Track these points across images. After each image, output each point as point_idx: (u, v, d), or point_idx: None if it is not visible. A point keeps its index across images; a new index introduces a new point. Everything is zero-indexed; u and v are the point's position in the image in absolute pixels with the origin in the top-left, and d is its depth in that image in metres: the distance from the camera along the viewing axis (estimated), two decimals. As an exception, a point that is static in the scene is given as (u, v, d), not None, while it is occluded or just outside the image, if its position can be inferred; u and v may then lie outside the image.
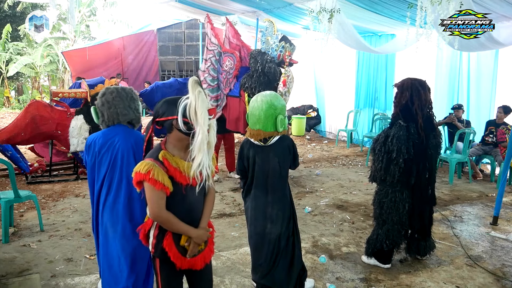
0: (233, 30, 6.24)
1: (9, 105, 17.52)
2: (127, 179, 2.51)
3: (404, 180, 3.16)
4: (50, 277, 3.09)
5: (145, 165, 1.78)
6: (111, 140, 2.52)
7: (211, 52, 6.14)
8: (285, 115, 2.66)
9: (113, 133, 2.54)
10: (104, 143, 2.51)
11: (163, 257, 1.88)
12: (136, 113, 2.62)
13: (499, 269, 3.37)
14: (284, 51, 5.61)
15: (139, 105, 2.66)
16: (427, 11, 4.16)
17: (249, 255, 2.84)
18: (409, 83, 3.15)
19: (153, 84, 9.11)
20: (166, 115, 1.82)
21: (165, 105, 1.84)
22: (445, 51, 7.02)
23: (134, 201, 2.54)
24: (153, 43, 15.09)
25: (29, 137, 5.60)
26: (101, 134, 2.56)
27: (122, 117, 2.56)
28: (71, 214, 4.50)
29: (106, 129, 2.58)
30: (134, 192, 2.51)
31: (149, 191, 1.78)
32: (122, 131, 2.56)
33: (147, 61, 15.22)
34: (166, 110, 1.83)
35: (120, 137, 2.53)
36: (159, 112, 1.85)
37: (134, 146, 2.55)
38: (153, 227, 1.90)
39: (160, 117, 1.84)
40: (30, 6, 16.48)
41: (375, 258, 3.36)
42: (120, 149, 2.51)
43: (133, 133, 2.62)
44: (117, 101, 2.53)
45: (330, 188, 5.73)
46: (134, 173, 1.80)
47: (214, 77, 6.13)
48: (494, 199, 4.81)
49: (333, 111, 10.07)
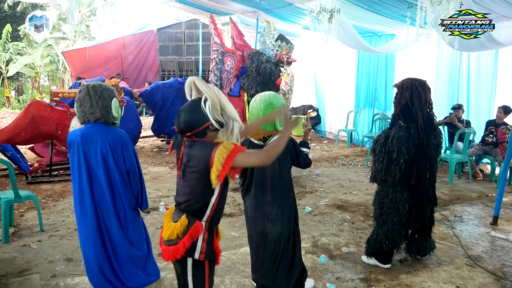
0: (237, 31, 6.26)
1: (9, 105, 17.51)
2: (107, 176, 2.52)
3: (404, 180, 3.16)
4: (50, 277, 3.09)
5: (224, 148, 1.79)
6: (89, 137, 2.52)
7: (215, 52, 6.17)
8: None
9: (91, 131, 2.54)
10: (82, 140, 2.52)
11: (212, 257, 1.95)
12: (104, 111, 2.53)
13: (499, 269, 3.37)
14: (281, 50, 5.61)
15: (109, 104, 2.56)
16: (427, 11, 4.16)
17: (249, 255, 2.84)
18: (409, 83, 3.15)
19: (153, 84, 9.12)
20: (199, 125, 1.84)
21: (192, 116, 1.84)
22: (445, 51, 7.03)
23: (116, 197, 2.60)
24: (153, 43, 15.11)
25: (29, 137, 5.61)
26: (79, 131, 2.56)
27: (90, 116, 2.53)
28: (71, 214, 4.50)
29: (84, 127, 2.57)
30: (115, 187, 2.55)
31: (246, 155, 1.82)
32: (100, 129, 2.54)
33: (147, 61, 15.23)
34: (196, 120, 1.84)
35: (98, 135, 2.52)
36: (192, 125, 1.84)
37: (112, 144, 2.52)
38: (203, 232, 1.90)
39: (195, 130, 1.84)
40: (30, 6, 16.48)
41: (375, 258, 3.36)
42: (98, 147, 2.51)
43: (111, 131, 2.57)
44: (86, 100, 2.52)
45: (330, 188, 5.73)
46: (226, 158, 1.78)
47: (218, 76, 6.16)
48: (494, 199, 4.81)
49: (333, 111, 10.07)
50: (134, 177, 2.63)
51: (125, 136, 2.62)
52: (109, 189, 2.56)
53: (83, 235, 2.64)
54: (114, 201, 2.59)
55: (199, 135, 1.86)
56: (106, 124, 2.59)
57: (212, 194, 1.90)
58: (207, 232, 1.92)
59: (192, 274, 1.94)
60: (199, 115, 1.83)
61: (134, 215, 2.74)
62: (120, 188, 2.58)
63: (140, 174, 2.69)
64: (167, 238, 1.93)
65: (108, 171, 2.54)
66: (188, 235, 1.88)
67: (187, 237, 1.87)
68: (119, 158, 2.54)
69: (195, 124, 1.83)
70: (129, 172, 2.61)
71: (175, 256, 1.89)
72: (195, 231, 1.89)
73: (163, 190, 5.45)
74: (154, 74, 15.33)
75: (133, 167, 2.61)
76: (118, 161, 2.55)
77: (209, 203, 1.91)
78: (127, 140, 2.61)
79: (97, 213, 2.60)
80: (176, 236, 1.88)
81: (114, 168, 2.53)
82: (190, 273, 1.94)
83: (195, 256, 1.90)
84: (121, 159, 2.55)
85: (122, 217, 2.65)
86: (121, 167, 2.57)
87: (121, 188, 2.59)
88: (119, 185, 2.58)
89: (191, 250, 1.89)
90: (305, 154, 2.78)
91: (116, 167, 2.55)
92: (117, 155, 2.53)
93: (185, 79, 10.55)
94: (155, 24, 14.73)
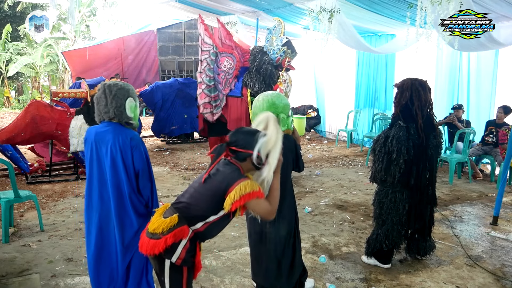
0: (225, 31, 6.23)
1: (9, 105, 17.52)
2: (114, 177, 2.48)
3: (404, 180, 3.16)
4: (50, 277, 3.09)
5: (250, 184, 1.87)
6: (102, 136, 2.49)
7: (206, 52, 6.13)
8: (288, 114, 2.66)
9: (104, 130, 2.50)
10: (95, 138, 2.51)
11: (190, 265, 1.97)
12: (117, 111, 2.48)
13: (499, 269, 3.37)
14: (284, 56, 5.61)
15: (123, 104, 2.50)
16: (427, 11, 4.16)
17: (249, 255, 2.84)
18: (409, 84, 3.15)
19: (153, 84, 9.12)
20: (245, 148, 1.93)
21: (246, 138, 1.95)
22: (445, 51, 7.03)
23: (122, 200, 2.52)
24: (153, 43, 15.11)
25: (29, 137, 5.61)
26: (94, 129, 2.54)
27: (104, 115, 2.50)
28: (71, 214, 4.50)
29: (100, 125, 2.54)
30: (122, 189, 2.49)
31: (261, 203, 1.91)
32: (113, 129, 2.49)
33: (147, 61, 15.23)
34: (246, 143, 1.94)
35: (110, 135, 2.48)
36: (239, 143, 1.95)
37: (121, 146, 2.45)
38: (184, 241, 1.91)
39: (238, 148, 1.95)
40: (30, 6, 16.49)
41: (375, 258, 3.36)
42: (109, 147, 2.46)
43: (123, 132, 2.50)
44: (102, 98, 2.49)
45: (330, 188, 5.73)
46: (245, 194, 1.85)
47: (211, 77, 6.13)
48: (494, 199, 4.81)
49: (333, 111, 10.07)
50: (143, 180, 2.52)
51: (136, 138, 2.52)
52: (115, 190, 2.50)
53: (87, 230, 2.63)
54: (118, 203, 2.51)
55: (239, 157, 1.95)
56: (120, 124, 2.53)
57: (215, 214, 1.92)
58: (189, 242, 1.92)
59: (169, 277, 1.94)
60: (251, 140, 1.93)
61: (140, 223, 2.55)
62: (127, 191, 2.49)
63: (151, 178, 2.57)
64: (151, 231, 1.92)
65: (116, 172, 2.46)
66: (172, 234, 1.88)
67: (171, 235, 1.87)
68: (128, 160, 2.46)
69: (244, 145, 1.93)
70: (138, 175, 2.51)
71: (153, 250, 1.88)
72: (181, 233, 1.90)
73: (163, 190, 5.45)
74: (154, 74, 15.33)
75: (142, 170, 2.51)
76: (127, 163, 2.46)
77: (206, 218, 1.93)
78: (138, 142, 2.51)
79: (101, 212, 2.58)
80: (161, 230, 1.89)
81: (122, 169, 2.45)
82: (167, 275, 1.94)
83: (172, 259, 1.90)
84: (130, 161, 2.46)
85: (126, 222, 2.53)
86: (129, 170, 2.48)
87: (128, 191, 2.50)
88: (125, 188, 2.49)
89: (170, 251, 1.88)
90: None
91: (124, 169, 2.46)
92: (126, 157, 2.45)
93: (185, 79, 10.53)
94: (155, 24, 14.73)
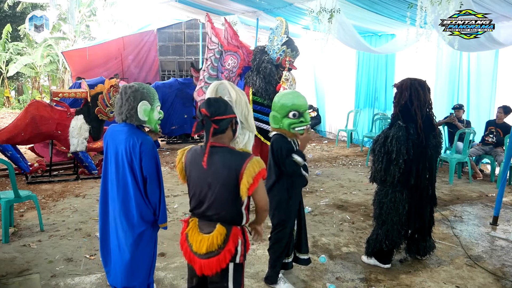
0: (231, 31, 6.23)
1: (9, 105, 17.53)
2: (122, 178, 2.48)
3: (404, 180, 3.16)
4: (50, 277, 3.10)
5: (259, 160, 1.82)
6: (116, 136, 2.50)
7: (211, 51, 6.15)
8: (282, 114, 2.74)
9: (120, 130, 2.50)
10: (110, 137, 2.53)
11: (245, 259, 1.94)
12: (128, 113, 2.46)
13: (499, 269, 3.37)
14: (284, 55, 5.59)
15: (135, 106, 2.46)
16: (427, 11, 4.15)
17: (249, 255, 2.83)
18: (408, 83, 3.15)
19: (153, 84, 9.12)
20: (227, 113, 1.85)
21: (221, 105, 1.86)
22: (445, 51, 7.02)
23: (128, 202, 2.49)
24: (153, 43, 15.08)
25: (29, 137, 5.61)
26: (112, 128, 2.56)
27: (119, 116, 2.50)
28: (71, 214, 4.50)
29: (118, 125, 2.54)
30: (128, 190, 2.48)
31: (263, 185, 1.88)
32: (127, 131, 2.46)
33: (147, 61, 15.21)
34: (225, 109, 1.85)
35: (123, 136, 2.46)
36: (220, 111, 1.84)
37: (131, 149, 2.41)
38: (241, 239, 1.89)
39: (221, 115, 1.84)
40: (30, 6, 16.49)
41: (375, 258, 3.36)
42: (121, 147, 2.45)
43: (136, 135, 2.44)
44: (118, 99, 2.50)
45: (330, 188, 5.73)
46: (259, 171, 1.79)
47: (213, 75, 6.13)
48: (494, 199, 4.80)
49: (333, 111, 10.08)
50: (151, 186, 2.46)
51: (147, 143, 2.44)
52: (121, 190, 2.47)
53: (99, 222, 2.68)
54: (123, 203, 2.49)
55: (223, 127, 1.85)
56: (136, 126, 2.51)
57: (242, 204, 1.89)
58: (243, 235, 1.92)
59: (233, 279, 1.90)
60: (226, 105, 1.87)
61: (143, 228, 2.51)
62: (133, 194, 2.46)
63: (160, 185, 2.51)
64: (205, 251, 1.84)
65: (123, 173, 2.46)
66: (230, 242, 1.83)
67: (230, 244, 1.83)
68: (137, 164, 2.42)
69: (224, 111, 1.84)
70: (146, 181, 2.46)
71: (220, 266, 1.83)
72: (236, 236, 1.86)
73: (163, 190, 5.44)
74: (154, 74, 15.31)
75: (150, 175, 2.44)
76: (134, 166, 2.43)
77: (241, 211, 1.89)
78: (148, 147, 2.43)
79: (108, 210, 2.59)
80: (217, 246, 1.82)
81: (128, 171, 2.43)
82: (231, 278, 1.89)
83: (236, 260, 1.87)
84: (137, 165, 2.42)
85: (128, 223, 2.50)
86: (136, 173, 2.44)
87: (134, 194, 2.46)
88: (131, 191, 2.46)
89: (234, 255, 1.87)
90: (293, 160, 2.69)
91: (131, 172, 2.44)
92: (134, 160, 2.42)
93: (185, 79, 10.52)
94: (155, 24, 14.71)
